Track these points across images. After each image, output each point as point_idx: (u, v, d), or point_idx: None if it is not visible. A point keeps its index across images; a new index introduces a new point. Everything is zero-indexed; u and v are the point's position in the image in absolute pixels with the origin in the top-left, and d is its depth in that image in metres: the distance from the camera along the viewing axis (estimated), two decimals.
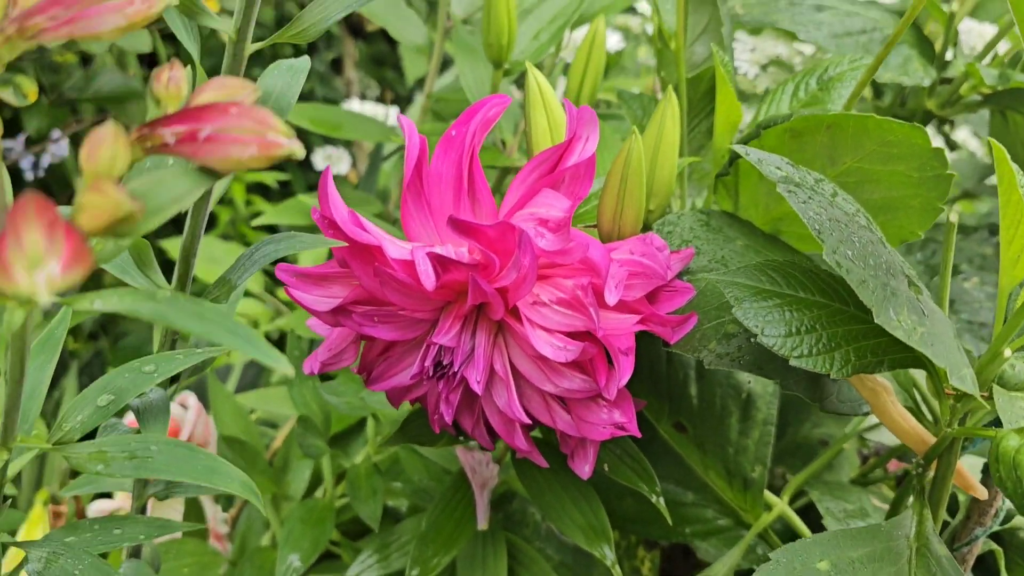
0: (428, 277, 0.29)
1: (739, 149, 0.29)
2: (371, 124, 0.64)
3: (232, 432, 0.55)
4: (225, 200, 1.12)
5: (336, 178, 1.14)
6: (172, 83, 0.18)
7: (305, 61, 0.28)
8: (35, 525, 0.62)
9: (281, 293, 1.03)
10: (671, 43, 0.39)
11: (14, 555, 0.45)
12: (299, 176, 1.19)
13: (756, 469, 0.41)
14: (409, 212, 0.33)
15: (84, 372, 1.00)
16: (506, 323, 0.31)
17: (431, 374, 0.31)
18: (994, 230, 0.57)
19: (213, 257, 1.04)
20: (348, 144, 1.08)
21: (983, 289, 0.52)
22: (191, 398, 0.62)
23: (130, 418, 0.57)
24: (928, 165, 0.30)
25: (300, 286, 0.32)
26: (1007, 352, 0.28)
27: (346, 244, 0.30)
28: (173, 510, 0.56)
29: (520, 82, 0.68)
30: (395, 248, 0.30)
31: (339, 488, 0.55)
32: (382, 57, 1.29)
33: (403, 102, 1.31)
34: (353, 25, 1.13)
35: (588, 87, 0.49)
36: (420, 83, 1.00)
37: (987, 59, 0.58)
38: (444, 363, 0.31)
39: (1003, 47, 0.60)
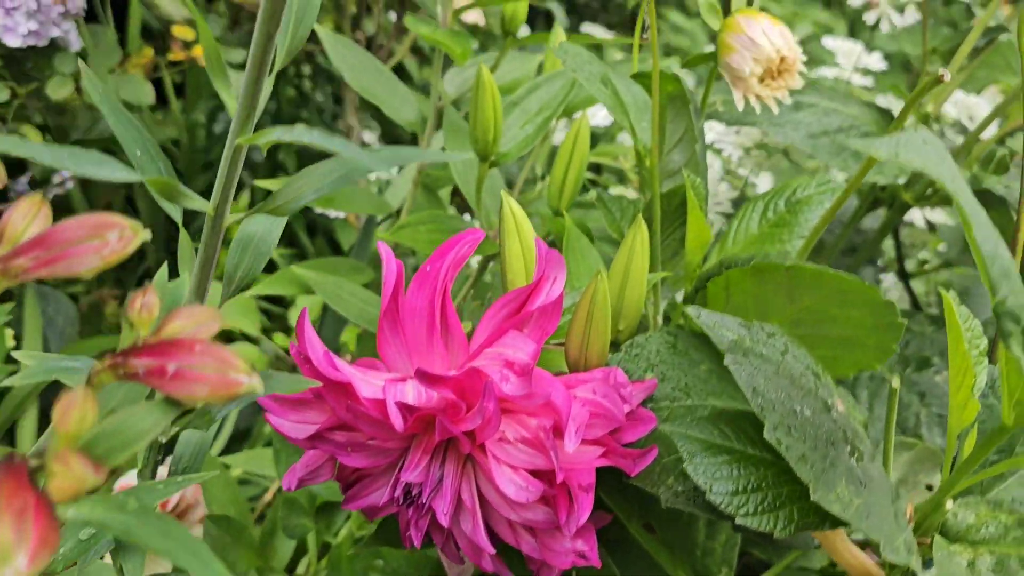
0: (397, 419, 0.30)
1: (691, 311, 0.30)
2: (364, 197, 0.65)
3: (221, 506, 0.57)
4: (225, 240, 1.14)
5: (336, 221, 1.15)
6: (145, 309, 0.19)
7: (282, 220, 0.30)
8: None
9: (278, 338, 1.04)
10: (646, 160, 0.41)
11: None
12: (298, 215, 1.20)
13: (723, 571, 0.42)
14: (385, 338, 0.34)
15: None
16: (473, 456, 0.32)
17: (401, 502, 0.33)
18: None
19: (212, 299, 1.06)
20: None
21: None
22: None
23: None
24: (881, 314, 0.32)
25: (278, 411, 0.34)
26: (949, 503, 0.29)
27: (320, 383, 0.31)
28: None
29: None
30: (367, 387, 0.31)
31: (323, 562, 0.56)
32: None
33: (404, 141, 1.32)
34: None
35: (571, 180, 0.50)
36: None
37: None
38: (413, 493, 0.32)
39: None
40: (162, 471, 0.61)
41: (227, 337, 1.15)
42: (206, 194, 0.29)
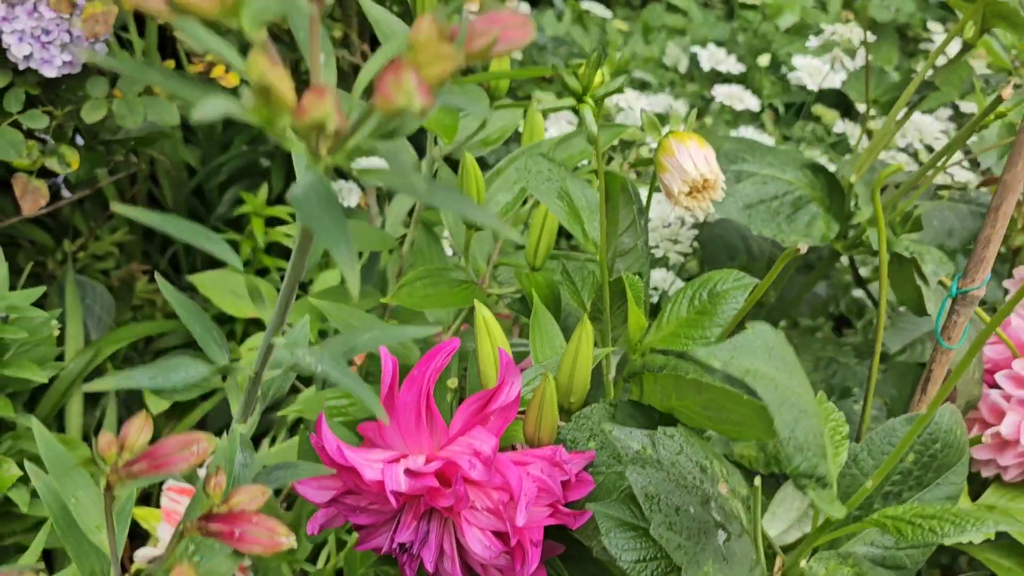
0: (392, 499, 0.41)
1: (607, 426, 0.40)
2: (370, 233, 0.75)
3: None
4: (246, 232, 1.23)
5: (348, 211, 1.25)
6: (217, 486, 0.29)
7: None
8: None
9: None
10: (597, 254, 0.50)
11: None
12: None
13: None
14: (383, 423, 0.44)
15: (119, 392, 1.13)
16: (451, 518, 0.43)
17: (397, 551, 0.43)
18: (883, 357, 0.68)
19: (236, 291, 1.16)
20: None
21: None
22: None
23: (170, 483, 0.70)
24: (761, 414, 0.41)
25: (305, 482, 0.44)
26: (803, 563, 0.39)
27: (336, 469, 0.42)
28: None
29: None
30: (370, 471, 0.41)
31: (341, 554, 0.68)
32: None
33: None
34: None
35: (544, 243, 0.60)
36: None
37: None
38: (406, 544, 0.43)
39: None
40: None
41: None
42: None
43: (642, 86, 1.52)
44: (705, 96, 1.15)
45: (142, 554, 0.76)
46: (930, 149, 0.87)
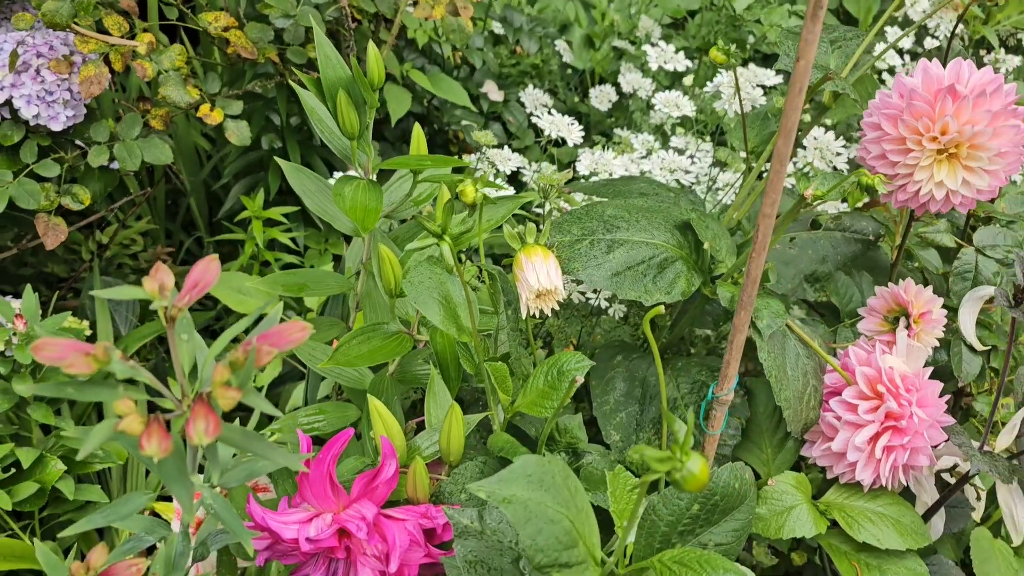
0: (306, 551, 0.57)
1: (474, 487, 0.56)
2: (331, 280, 0.89)
3: None
4: (250, 232, 1.39)
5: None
6: None
7: None
8: None
9: None
10: (471, 341, 0.65)
11: None
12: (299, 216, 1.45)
13: None
14: (303, 487, 0.60)
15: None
16: (351, 560, 0.59)
17: None
18: (749, 373, 0.82)
19: (241, 289, 1.32)
20: None
21: None
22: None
23: None
24: None
25: (256, 536, 0.61)
26: None
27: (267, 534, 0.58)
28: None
29: None
30: (287, 531, 0.58)
31: None
32: None
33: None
34: None
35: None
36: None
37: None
38: None
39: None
40: None
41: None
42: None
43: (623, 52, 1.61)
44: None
45: None
46: (834, 168, 0.98)
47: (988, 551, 0.87)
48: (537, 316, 0.63)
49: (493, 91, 1.65)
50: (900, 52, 1.49)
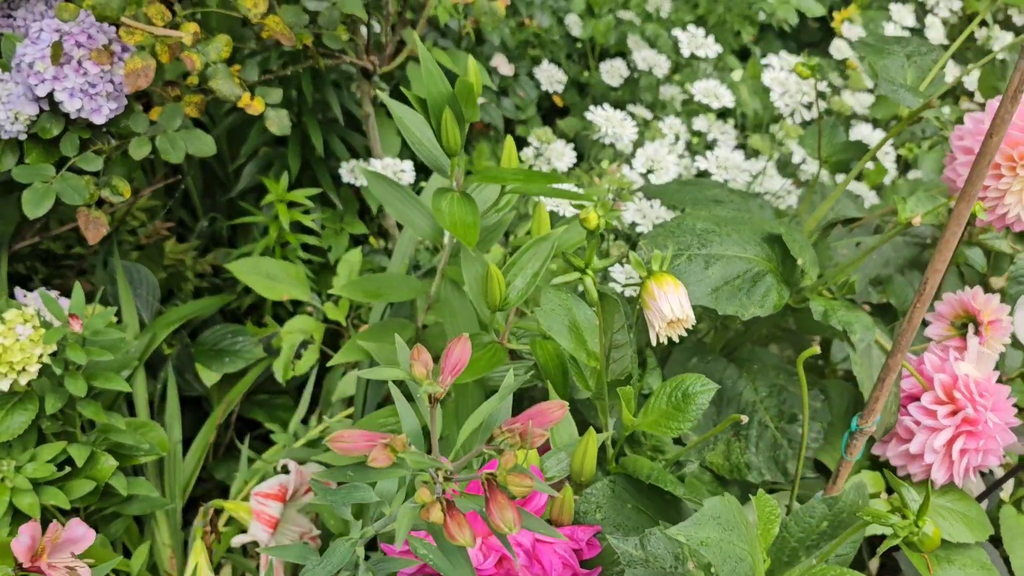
0: None
1: (673, 532, 0.59)
2: (406, 284, 0.91)
3: None
4: (273, 213, 1.38)
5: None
6: None
7: None
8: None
9: (328, 308, 1.30)
10: (590, 361, 0.67)
11: None
12: (325, 173, 1.43)
13: None
14: None
15: (175, 368, 1.31)
16: None
17: None
18: (825, 371, 0.87)
19: (270, 275, 1.32)
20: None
21: None
22: (291, 464, 0.94)
23: None
24: None
25: None
26: None
27: None
28: None
29: None
30: None
31: None
32: None
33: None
34: None
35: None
36: None
37: None
38: None
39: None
40: None
41: (285, 307, 1.43)
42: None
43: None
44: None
45: (239, 540, 0.97)
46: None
47: (1016, 528, 0.94)
48: (665, 343, 0.66)
49: (503, 65, 1.65)
50: (903, 29, 1.53)
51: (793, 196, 1.14)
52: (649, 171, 1.02)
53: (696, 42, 1.25)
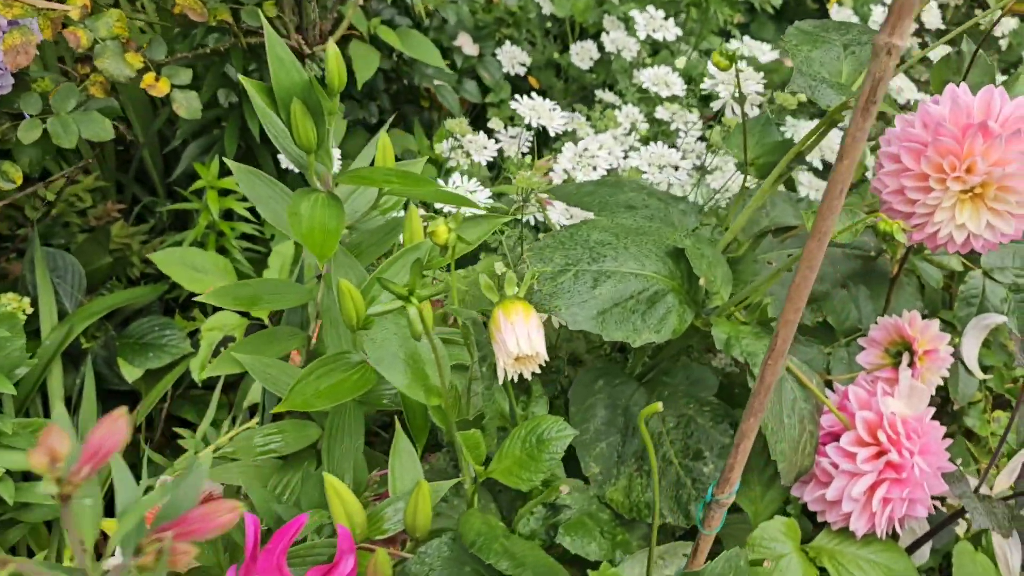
0: None
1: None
2: (289, 291, 0.81)
3: None
4: (205, 201, 1.29)
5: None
6: None
7: None
8: None
9: None
10: (435, 401, 0.58)
11: None
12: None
13: None
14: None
15: (96, 360, 1.23)
16: None
17: None
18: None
19: (196, 266, 1.24)
20: None
21: None
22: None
23: None
24: None
25: None
26: None
27: None
28: None
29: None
30: None
31: None
32: None
33: None
34: None
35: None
36: None
37: None
38: None
39: None
40: None
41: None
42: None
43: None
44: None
45: (110, 563, 0.89)
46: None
47: (971, 567, 0.84)
48: (515, 380, 0.56)
49: (467, 44, 1.54)
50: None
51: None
52: (573, 169, 0.92)
53: (653, 24, 1.14)
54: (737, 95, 0.77)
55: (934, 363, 0.72)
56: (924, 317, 0.92)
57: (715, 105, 0.88)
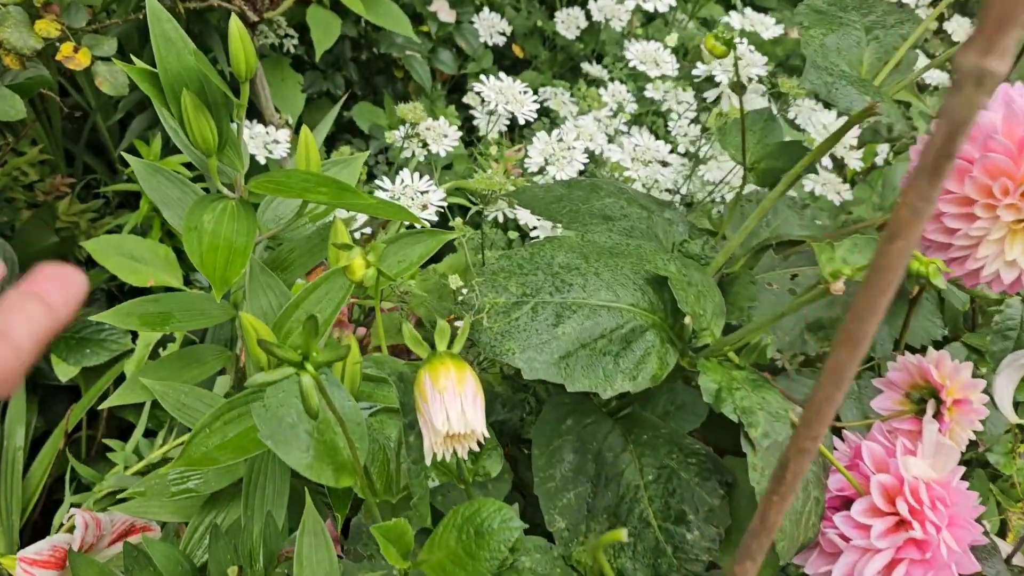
0: None
1: None
2: (206, 307, 0.69)
3: None
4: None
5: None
6: None
7: None
8: None
9: None
10: (346, 483, 0.45)
11: None
12: None
13: None
14: None
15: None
16: None
17: None
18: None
19: (134, 255, 1.11)
20: None
21: None
22: (79, 516, 0.74)
23: None
24: None
25: None
26: None
27: None
28: None
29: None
30: None
31: None
32: None
33: None
34: None
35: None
36: None
37: None
38: None
39: None
40: None
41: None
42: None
43: None
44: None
45: None
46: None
47: None
48: (447, 459, 0.43)
49: (444, 11, 1.40)
50: None
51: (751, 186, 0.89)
52: (547, 163, 0.78)
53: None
54: (735, 81, 0.64)
55: (965, 416, 0.59)
56: (945, 341, 0.79)
57: (710, 95, 0.75)
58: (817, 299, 0.46)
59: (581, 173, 0.81)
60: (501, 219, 0.85)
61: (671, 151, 0.80)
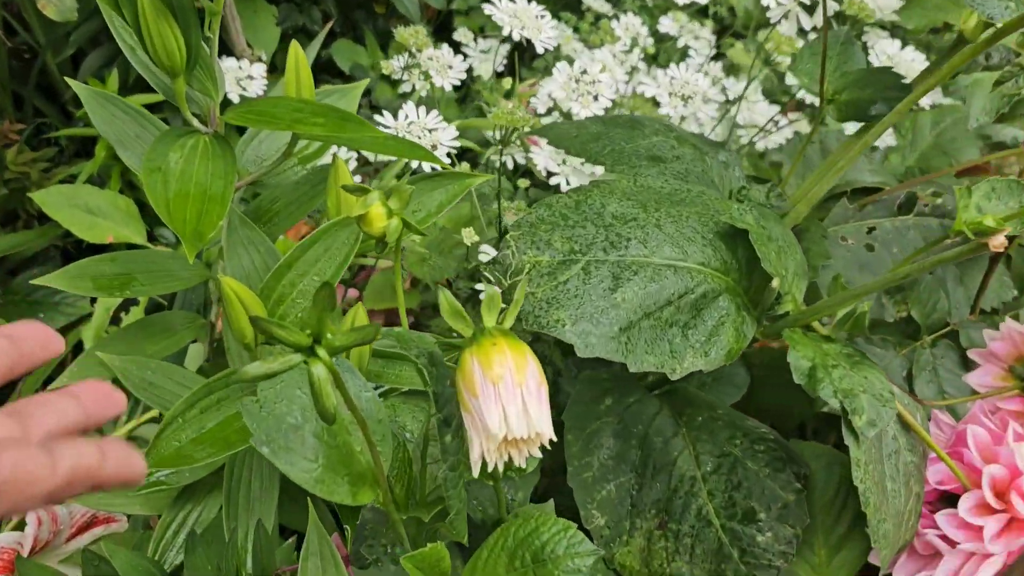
0: None
1: None
2: (173, 268, 0.57)
3: None
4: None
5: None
6: None
7: None
8: None
9: None
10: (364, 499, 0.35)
11: None
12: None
13: None
14: None
15: None
16: None
17: None
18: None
19: (91, 208, 0.99)
20: None
21: None
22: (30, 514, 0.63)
23: None
24: None
25: None
26: None
27: None
28: None
29: None
30: None
31: None
32: None
33: None
34: None
35: None
36: None
37: None
38: None
39: None
40: None
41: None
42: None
43: None
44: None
45: None
46: None
47: None
48: (501, 469, 0.33)
49: None
50: None
51: (787, 131, 0.79)
52: (569, 96, 0.67)
53: None
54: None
55: None
56: (1013, 300, 0.69)
57: (773, 14, 0.63)
58: (963, 257, 0.36)
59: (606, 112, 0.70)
60: (511, 164, 0.74)
61: (711, 84, 0.69)
